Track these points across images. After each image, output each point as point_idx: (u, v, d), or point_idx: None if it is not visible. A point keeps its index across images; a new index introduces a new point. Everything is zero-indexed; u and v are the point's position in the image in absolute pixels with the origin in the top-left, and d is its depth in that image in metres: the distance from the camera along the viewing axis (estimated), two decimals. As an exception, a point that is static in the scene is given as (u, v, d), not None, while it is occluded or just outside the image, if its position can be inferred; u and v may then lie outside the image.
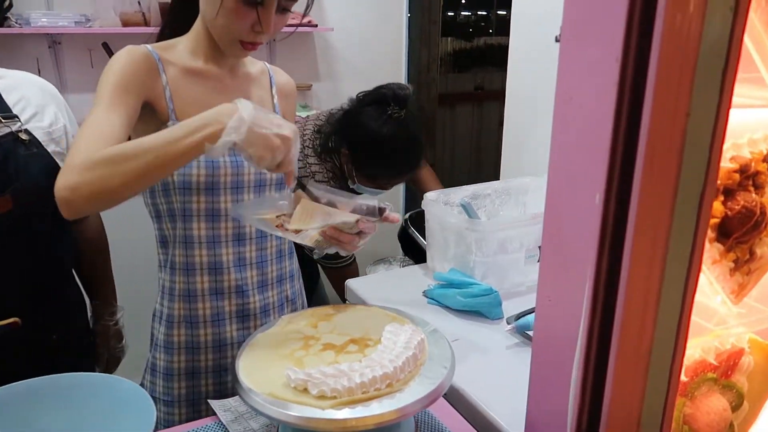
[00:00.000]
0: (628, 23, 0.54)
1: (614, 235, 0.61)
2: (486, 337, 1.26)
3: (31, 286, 1.12)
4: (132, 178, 0.82)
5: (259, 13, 0.95)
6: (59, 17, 2.09)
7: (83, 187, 0.80)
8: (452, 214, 1.48)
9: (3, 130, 1.05)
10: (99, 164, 0.81)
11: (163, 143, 0.82)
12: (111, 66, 0.96)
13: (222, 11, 0.95)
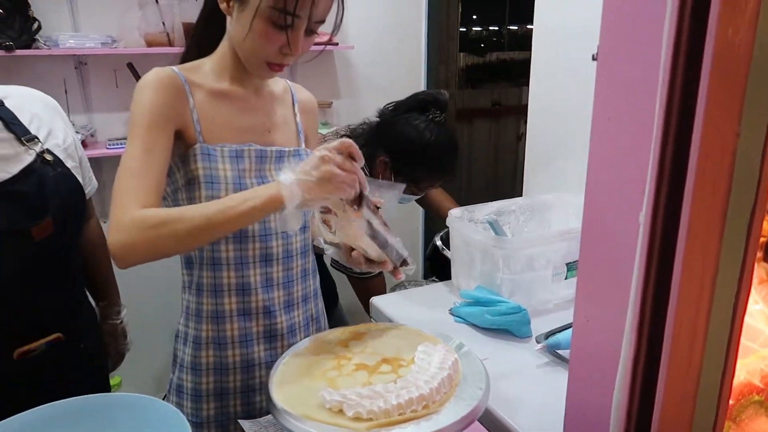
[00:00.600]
0: (676, 42, 0.53)
1: (661, 254, 0.60)
2: (515, 357, 1.25)
3: (66, 301, 1.13)
4: (183, 243, 0.90)
5: (289, 36, 0.95)
6: (86, 39, 2.13)
7: (139, 247, 0.86)
8: (478, 231, 1.47)
9: (30, 153, 1.05)
10: (149, 227, 0.86)
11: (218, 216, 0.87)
12: (141, 96, 0.97)
13: (251, 34, 0.95)
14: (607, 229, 0.73)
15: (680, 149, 0.56)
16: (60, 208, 1.08)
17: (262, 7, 0.92)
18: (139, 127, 0.94)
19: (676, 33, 0.53)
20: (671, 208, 0.58)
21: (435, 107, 1.69)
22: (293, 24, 0.94)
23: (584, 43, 1.60)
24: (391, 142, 1.70)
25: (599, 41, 0.71)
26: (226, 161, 1.02)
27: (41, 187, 1.05)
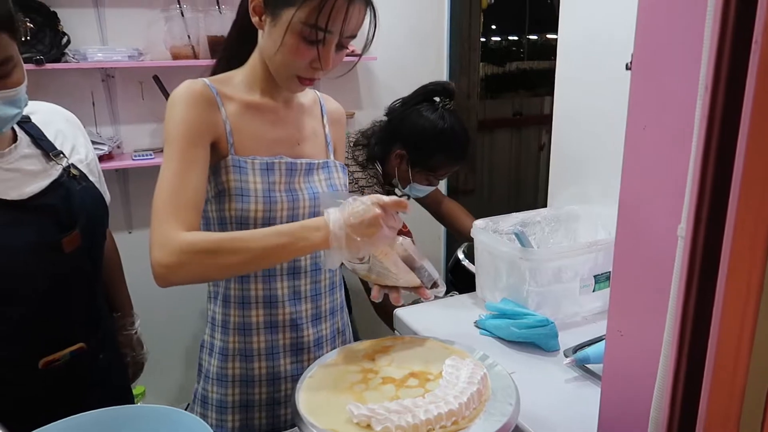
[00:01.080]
0: (719, 49, 0.52)
1: (702, 267, 0.58)
2: (543, 371, 1.22)
3: (90, 311, 1.14)
4: (227, 271, 0.95)
5: (320, 51, 0.95)
6: (114, 52, 2.16)
7: (181, 271, 0.87)
8: (504, 243, 1.45)
9: (56, 168, 1.07)
10: (199, 254, 0.87)
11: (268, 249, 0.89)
12: (174, 111, 0.97)
13: (282, 48, 0.95)
14: (642, 240, 0.71)
15: (723, 159, 0.54)
16: (87, 221, 1.09)
17: (294, 22, 0.92)
18: (175, 144, 0.95)
19: (719, 39, 0.52)
20: (714, 219, 0.56)
21: (443, 96, 1.76)
22: (325, 39, 0.94)
23: (610, 52, 1.59)
24: (405, 134, 1.75)
25: (634, 49, 0.70)
26: (256, 174, 1.02)
27: (69, 201, 1.06)
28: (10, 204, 0.98)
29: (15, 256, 0.98)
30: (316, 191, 1.08)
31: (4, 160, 1.01)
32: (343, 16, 0.92)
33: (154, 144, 2.39)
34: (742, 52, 0.51)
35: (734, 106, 0.53)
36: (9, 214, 0.98)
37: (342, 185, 1.13)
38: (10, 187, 1.00)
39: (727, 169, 0.54)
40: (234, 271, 0.96)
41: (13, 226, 0.98)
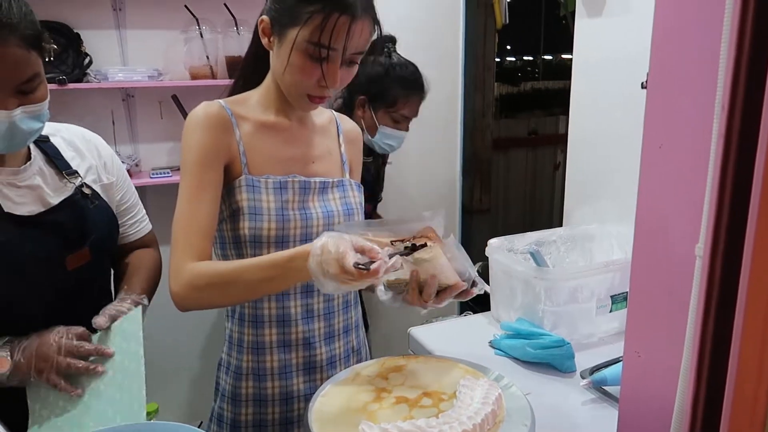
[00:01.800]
0: (735, 68, 0.51)
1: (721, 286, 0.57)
2: (559, 392, 1.20)
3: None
4: (234, 300, 1.04)
5: (325, 69, 0.96)
6: (134, 72, 2.20)
7: (191, 300, 0.95)
8: (519, 262, 1.44)
9: (69, 187, 1.09)
10: (205, 287, 0.94)
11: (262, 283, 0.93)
12: (191, 135, 1.00)
13: (289, 67, 0.97)
14: (660, 260, 0.71)
15: (741, 177, 0.54)
16: (98, 239, 1.11)
17: (298, 41, 0.94)
18: (190, 170, 0.99)
19: (736, 58, 0.51)
20: (732, 238, 0.55)
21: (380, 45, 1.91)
22: (328, 57, 0.95)
23: (626, 71, 1.58)
24: (361, 83, 1.86)
25: (650, 68, 0.70)
26: (270, 192, 1.03)
27: (81, 219, 1.08)
28: (19, 219, 1.01)
29: (19, 270, 1.00)
30: (330, 209, 1.08)
31: (17, 177, 1.04)
32: (345, 33, 0.93)
33: (171, 162, 2.43)
34: (759, 71, 0.51)
35: (752, 125, 0.52)
36: (17, 229, 1.00)
37: (357, 204, 1.13)
38: (20, 203, 1.03)
39: (746, 187, 0.53)
40: (238, 300, 1.04)
41: (20, 241, 1.00)
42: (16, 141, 0.98)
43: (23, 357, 0.96)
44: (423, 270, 0.92)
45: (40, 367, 0.96)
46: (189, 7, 2.24)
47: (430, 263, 0.91)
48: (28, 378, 0.97)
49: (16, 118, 0.94)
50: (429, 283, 0.94)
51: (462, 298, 0.99)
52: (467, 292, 0.98)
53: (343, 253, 0.82)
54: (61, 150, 1.13)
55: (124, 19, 2.27)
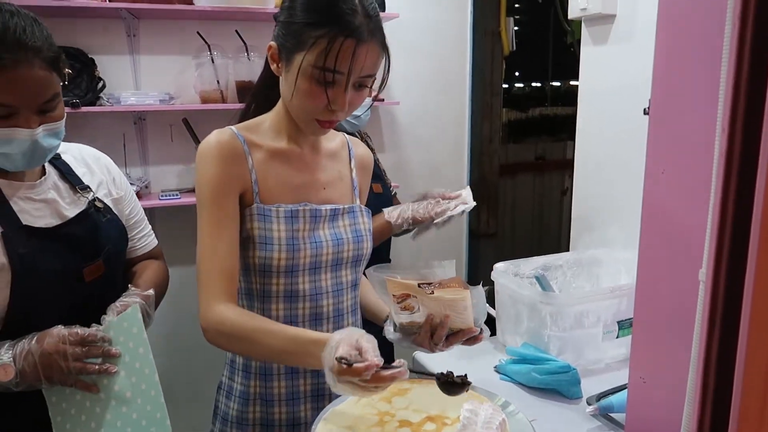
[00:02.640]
0: (734, 94, 0.52)
1: (725, 311, 0.57)
2: (565, 418, 1.19)
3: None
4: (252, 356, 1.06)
5: (330, 94, 0.96)
6: (146, 96, 2.24)
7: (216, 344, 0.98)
8: (525, 286, 1.43)
9: (83, 201, 1.13)
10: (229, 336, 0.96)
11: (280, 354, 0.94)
12: (204, 168, 1.01)
13: (296, 92, 0.97)
14: (663, 285, 0.70)
15: (743, 202, 0.54)
16: (111, 252, 1.14)
17: (304, 65, 0.94)
18: (206, 205, 1.00)
19: (735, 82, 0.52)
20: (734, 263, 0.55)
21: None
22: (334, 80, 0.95)
23: (630, 97, 1.60)
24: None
25: (651, 95, 0.70)
26: (281, 222, 1.03)
27: (95, 232, 1.11)
28: (37, 232, 1.04)
29: (39, 281, 1.02)
30: (340, 237, 1.08)
31: (34, 191, 1.07)
32: (350, 57, 0.93)
33: (181, 184, 2.45)
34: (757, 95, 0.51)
35: (752, 147, 0.53)
36: (36, 241, 1.03)
37: (366, 230, 1.13)
38: (38, 216, 1.06)
39: (747, 211, 0.53)
40: (255, 357, 1.06)
41: (39, 253, 1.03)
42: (37, 158, 1.02)
43: (27, 365, 0.96)
44: (439, 310, 0.96)
45: (49, 374, 0.97)
46: (201, 33, 2.29)
47: (451, 304, 0.95)
48: (39, 384, 0.98)
49: (39, 136, 0.99)
50: (443, 324, 0.98)
51: (470, 344, 1.03)
52: (477, 338, 1.03)
53: (336, 345, 0.84)
54: (73, 167, 1.17)
55: (137, 45, 2.32)
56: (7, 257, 0.98)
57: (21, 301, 1.00)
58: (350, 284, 1.11)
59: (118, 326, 1.03)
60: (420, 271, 0.99)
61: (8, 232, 1.00)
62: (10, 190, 1.04)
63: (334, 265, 1.08)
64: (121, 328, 1.03)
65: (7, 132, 0.95)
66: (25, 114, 0.96)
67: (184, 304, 1.72)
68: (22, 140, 0.97)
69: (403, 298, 0.96)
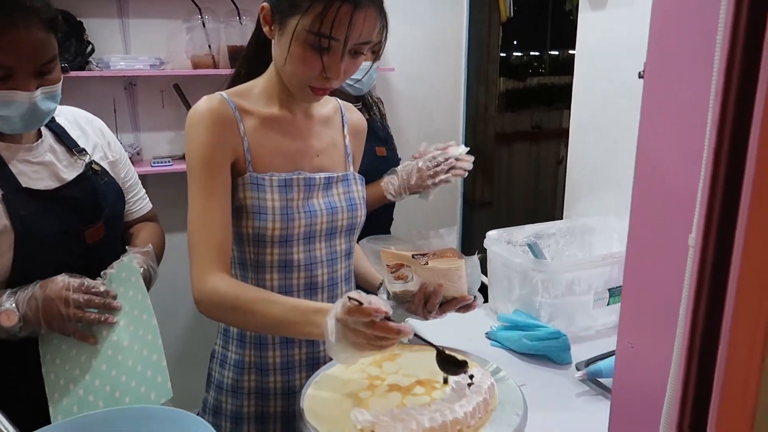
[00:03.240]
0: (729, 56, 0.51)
1: (712, 277, 0.57)
2: (554, 384, 1.21)
3: None
4: (247, 327, 1.04)
5: (326, 60, 0.93)
6: (136, 60, 2.20)
7: (211, 315, 0.96)
8: (517, 254, 1.44)
9: (80, 163, 1.13)
10: (224, 307, 0.93)
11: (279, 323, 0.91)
12: (194, 135, 0.98)
13: (290, 58, 0.94)
14: (654, 250, 0.70)
15: (734, 168, 0.53)
16: (111, 214, 1.14)
17: (298, 30, 0.91)
18: (197, 172, 0.97)
19: (730, 47, 0.51)
20: (724, 229, 0.55)
21: None
22: (330, 47, 0.92)
23: (627, 63, 1.57)
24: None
25: (646, 58, 0.69)
26: (274, 191, 1.01)
27: (94, 195, 1.11)
28: (37, 194, 1.04)
29: (40, 243, 1.02)
30: (335, 205, 1.07)
31: (31, 154, 1.06)
32: (347, 23, 0.90)
33: (173, 151, 2.43)
34: (752, 60, 0.50)
35: (745, 113, 0.52)
36: (36, 203, 1.03)
37: (360, 198, 1.12)
38: (37, 178, 1.05)
39: (739, 177, 0.53)
40: (250, 329, 1.04)
41: (40, 215, 1.02)
42: (35, 121, 1.01)
43: (29, 309, 0.97)
44: (433, 279, 0.96)
45: (49, 320, 0.98)
46: (192, -5, 2.24)
47: (445, 274, 0.95)
48: (39, 329, 0.99)
49: (37, 99, 0.98)
50: (436, 293, 0.98)
51: (464, 312, 1.04)
52: (471, 306, 1.03)
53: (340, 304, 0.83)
54: (67, 129, 1.15)
55: (126, 8, 2.27)
56: (9, 219, 0.98)
57: (23, 264, 1.00)
58: (344, 253, 1.11)
59: (118, 277, 1.05)
60: (415, 242, 0.99)
61: (8, 194, 1.00)
62: (8, 153, 1.03)
63: (328, 235, 1.07)
64: (120, 278, 1.04)
65: (5, 95, 0.94)
66: (23, 76, 0.95)
67: (175, 271, 1.73)
68: (21, 103, 0.96)
69: (396, 267, 0.96)
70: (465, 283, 0.99)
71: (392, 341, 0.82)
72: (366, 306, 0.79)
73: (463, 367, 0.88)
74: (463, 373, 0.88)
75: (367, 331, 0.80)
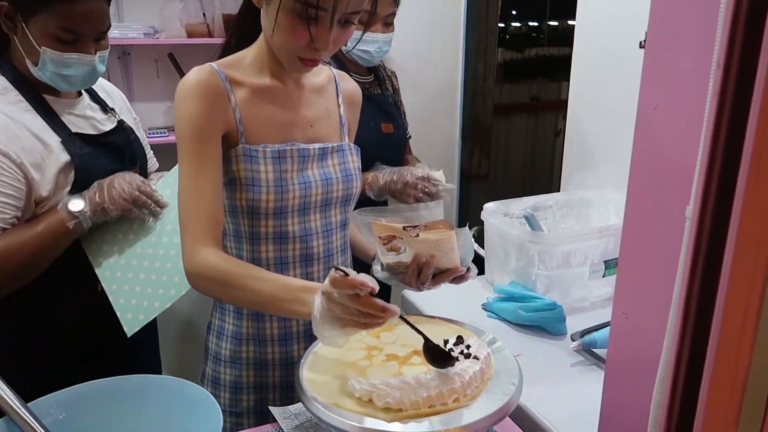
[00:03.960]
0: (732, 28, 0.50)
1: (708, 249, 0.57)
2: (549, 354, 1.22)
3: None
4: (235, 303, 1.03)
5: (314, 31, 0.91)
6: (129, 29, 2.17)
7: (200, 288, 0.95)
8: (514, 226, 1.44)
9: (113, 120, 1.31)
10: (214, 281, 0.93)
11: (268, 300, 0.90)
12: (184, 107, 0.96)
13: (278, 28, 0.92)
14: (651, 221, 0.71)
15: (733, 140, 0.53)
16: (141, 165, 1.33)
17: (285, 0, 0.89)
18: (187, 144, 0.95)
19: (733, 18, 0.50)
20: (721, 201, 0.55)
21: None
22: (317, 17, 0.89)
23: (629, 33, 1.55)
24: None
25: (648, 28, 0.68)
26: (268, 162, 1.00)
27: (128, 144, 1.30)
28: (86, 137, 1.21)
29: (93, 178, 1.19)
30: (329, 177, 1.06)
31: (75, 108, 1.24)
32: None
33: (168, 122, 2.41)
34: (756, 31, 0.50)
35: (747, 85, 0.51)
36: (86, 145, 1.20)
37: (355, 169, 1.11)
38: (82, 127, 1.22)
39: (738, 149, 0.53)
40: (239, 304, 1.04)
41: (91, 155, 1.20)
42: (91, 80, 1.20)
43: (97, 195, 1.16)
44: (425, 251, 0.96)
45: (113, 196, 1.17)
46: (185, -38, 2.19)
47: (437, 245, 0.95)
48: (102, 210, 1.16)
49: (96, 62, 1.16)
50: (428, 263, 0.97)
51: (457, 283, 1.04)
52: (464, 277, 1.03)
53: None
54: (98, 92, 1.32)
55: (119, -25, 2.23)
56: (70, 156, 1.15)
57: None
58: (340, 224, 1.11)
59: (165, 183, 1.30)
60: (404, 213, 0.99)
61: (65, 137, 1.16)
62: (57, 106, 1.20)
63: (323, 206, 1.07)
64: (167, 184, 1.29)
65: (74, 57, 1.12)
66: (86, 42, 1.12)
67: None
68: (84, 65, 1.14)
69: (388, 239, 0.96)
70: (457, 254, 1.00)
71: (378, 321, 0.79)
72: (351, 278, 0.77)
73: (450, 361, 0.84)
74: (449, 367, 0.83)
75: (351, 305, 0.78)
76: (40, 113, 1.15)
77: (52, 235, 1.13)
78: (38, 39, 1.09)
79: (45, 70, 1.12)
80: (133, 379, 0.83)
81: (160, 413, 0.80)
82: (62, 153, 1.14)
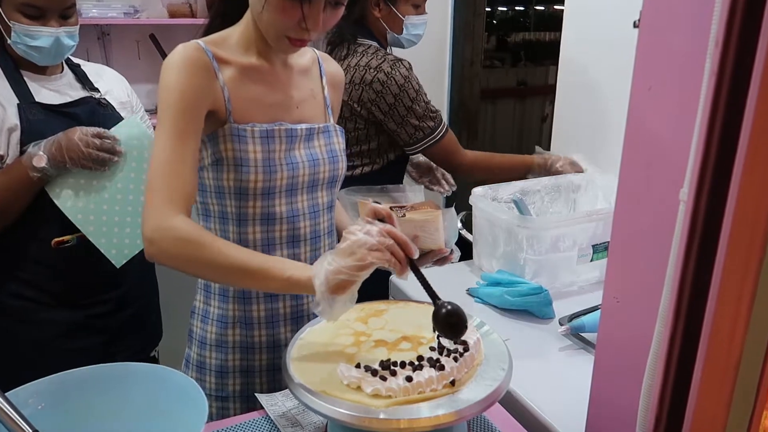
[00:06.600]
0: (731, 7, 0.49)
1: (703, 233, 0.56)
2: (537, 338, 1.22)
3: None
4: (205, 277, 1.04)
5: (306, 10, 0.89)
6: (109, 8, 2.11)
7: (172, 259, 0.87)
8: (502, 210, 1.43)
9: (84, 95, 1.41)
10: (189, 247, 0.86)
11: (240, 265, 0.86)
12: (169, 78, 0.93)
13: (267, 6, 0.90)
14: (643, 204, 0.70)
15: (730, 122, 0.52)
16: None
17: None
18: (169, 114, 0.91)
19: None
20: (717, 185, 0.54)
21: None
22: None
23: (621, 14, 1.54)
24: None
25: (642, 6, 0.67)
26: (256, 142, 0.98)
27: (92, 116, 1.38)
28: (46, 106, 1.33)
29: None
30: (316, 157, 1.05)
31: (50, 83, 1.37)
32: None
33: (150, 105, 2.35)
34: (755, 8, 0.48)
35: (745, 65, 0.50)
36: (43, 112, 1.33)
37: (341, 150, 1.10)
38: (49, 97, 1.35)
39: (734, 132, 0.52)
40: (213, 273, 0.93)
41: (44, 122, 1.31)
42: (60, 53, 1.33)
43: (56, 151, 1.26)
44: (411, 231, 0.94)
45: (71, 155, 1.27)
46: (166, -61, 2.14)
47: (423, 225, 0.95)
48: (63, 166, 1.28)
49: (60, 35, 1.30)
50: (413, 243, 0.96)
51: (441, 264, 1.04)
52: (447, 258, 1.03)
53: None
54: (89, 76, 1.45)
55: (97, -48, 2.17)
56: (20, 120, 1.28)
57: None
58: (326, 206, 1.10)
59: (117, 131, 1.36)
60: (391, 194, 0.98)
61: (23, 103, 1.30)
62: (33, 79, 1.34)
63: (310, 187, 1.06)
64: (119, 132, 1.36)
65: (38, 29, 1.27)
66: (50, 17, 1.28)
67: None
68: (48, 37, 1.28)
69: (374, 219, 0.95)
70: (442, 235, 0.99)
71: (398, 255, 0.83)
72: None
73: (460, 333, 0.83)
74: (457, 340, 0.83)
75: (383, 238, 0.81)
76: (9, 80, 1.31)
77: (20, 184, 1.28)
78: (9, 15, 1.26)
79: (18, 43, 1.28)
80: (116, 367, 0.81)
81: (144, 401, 0.78)
82: (15, 117, 1.28)
